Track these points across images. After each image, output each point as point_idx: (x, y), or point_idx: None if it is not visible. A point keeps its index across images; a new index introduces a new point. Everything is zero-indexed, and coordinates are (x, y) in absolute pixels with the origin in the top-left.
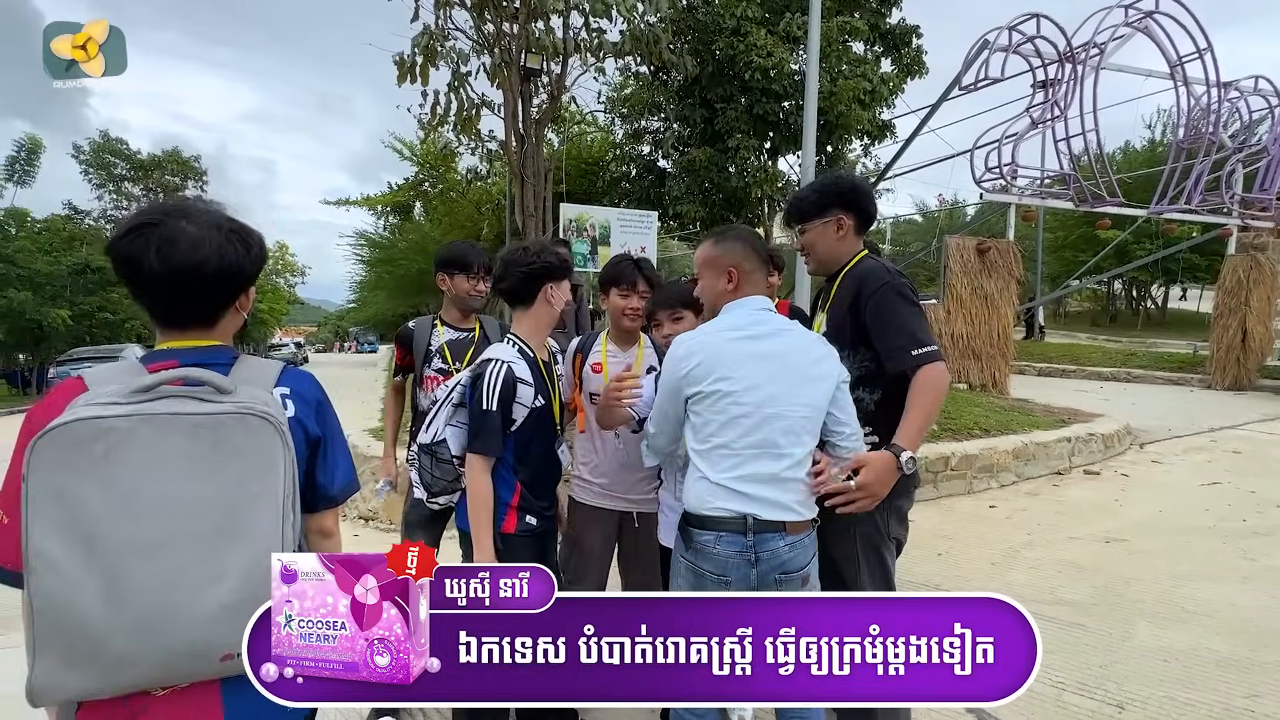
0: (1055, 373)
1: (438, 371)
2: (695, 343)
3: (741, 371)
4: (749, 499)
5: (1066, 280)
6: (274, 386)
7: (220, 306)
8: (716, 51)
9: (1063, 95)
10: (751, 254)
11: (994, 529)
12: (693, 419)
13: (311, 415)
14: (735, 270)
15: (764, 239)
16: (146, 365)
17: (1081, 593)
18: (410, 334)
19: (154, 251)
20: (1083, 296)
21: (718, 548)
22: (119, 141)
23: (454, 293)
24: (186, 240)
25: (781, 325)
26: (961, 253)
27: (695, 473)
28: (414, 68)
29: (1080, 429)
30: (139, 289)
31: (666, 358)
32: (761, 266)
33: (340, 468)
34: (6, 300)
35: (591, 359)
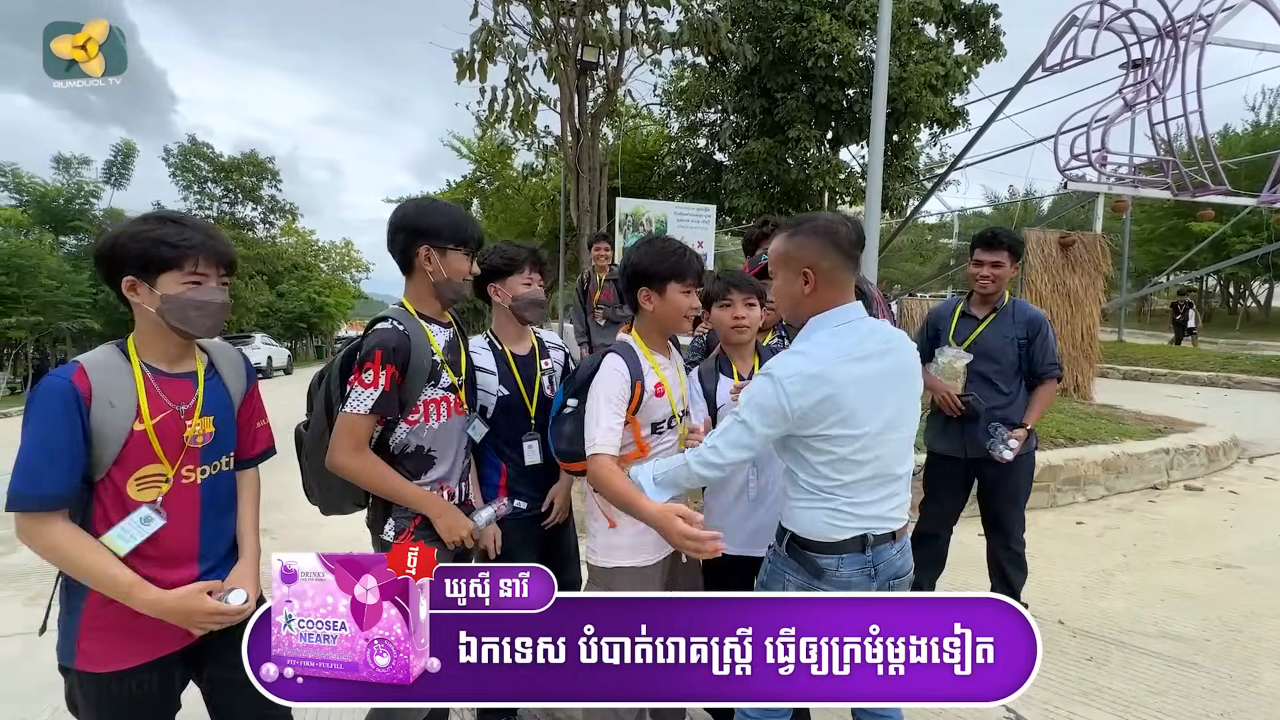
0: (1142, 376)
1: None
2: (811, 373)
3: (861, 406)
4: (867, 519)
5: (1154, 277)
6: None
7: (112, 289)
8: (778, 39)
9: (1161, 74)
10: (831, 249)
11: (1082, 548)
12: (802, 453)
13: None
14: (811, 271)
15: (852, 223)
16: None
17: (1192, 626)
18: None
19: None
20: (1171, 294)
21: (840, 570)
22: (204, 146)
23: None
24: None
25: (887, 340)
26: (1042, 246)
27: (807, 499)
28: (473, 64)
29: (1179, 439)
30: None
31: (771, 381)
32: (846, 263)
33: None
34: (104, 294)
35: (648, 382)
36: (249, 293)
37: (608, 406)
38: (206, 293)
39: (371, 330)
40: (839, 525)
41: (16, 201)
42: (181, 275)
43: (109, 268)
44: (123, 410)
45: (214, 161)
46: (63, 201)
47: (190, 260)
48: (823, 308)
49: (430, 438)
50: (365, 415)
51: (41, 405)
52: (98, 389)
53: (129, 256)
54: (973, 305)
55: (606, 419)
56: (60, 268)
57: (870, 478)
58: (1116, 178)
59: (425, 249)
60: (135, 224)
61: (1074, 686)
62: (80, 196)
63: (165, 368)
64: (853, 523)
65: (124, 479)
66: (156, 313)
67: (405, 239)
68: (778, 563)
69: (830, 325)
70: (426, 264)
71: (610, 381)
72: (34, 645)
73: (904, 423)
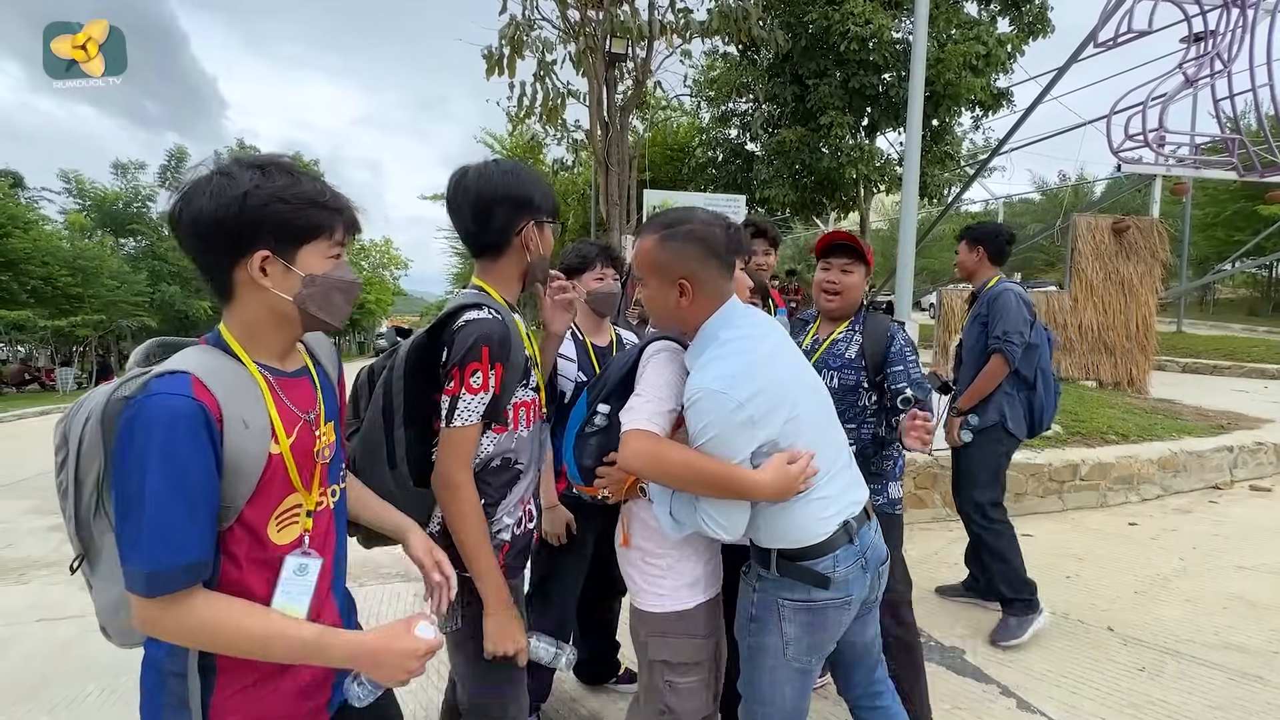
0: (1204, 369)
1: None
2: (742, 369)
3: (790, 388)
4: (842, 503)
5: (1217, 264)
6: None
7: (213, 271)
8: (809, 24)
9: (1226, 46)
10: (708, 257)
11: (1136, 551)
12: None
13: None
14: (688, 282)
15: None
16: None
17: (1258, 637)
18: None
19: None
20: (1236, 282)
21: (837, 569)
22: (251, 149)
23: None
24: (182, 188)
25: (761, 315)
26: (1093, 233)
27: (785, 504)
28: (501, 60)
29: (1244, 436)
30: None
31: (711, 396)
32: (724, 268)
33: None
34: (161, 293)
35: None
36: None
37: (669, 390)
38: (347, 270)
39: (466, 321)
40: (826, 518)
41: (79, 206)
42: (327, 247)
43: (232, 240)
44: (256, 430)
45: None
46: (121, 205)
47: (338, 227)
48: (705, 315)
49: (519, 447)
50: (476, 426)
51: (162, 438)
52: (227, 406)
53: (268, 223)
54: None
55: (660, 402)
56: (120, 268)
57: (827, 456)
58: (1176, 158)
59: (530, 223)
60: (247, 172)
61: (1124, 698)
62: (137, 200)
63: (280, 366)
64: (833, 510)
65: (263, 521)
66: (294, 299)
67: (507, 213)
68: (767, 589)
69: (727, 324)
70: (529, 241)
71: (670, 365)
72: (86, 629)
73: (819, 385)
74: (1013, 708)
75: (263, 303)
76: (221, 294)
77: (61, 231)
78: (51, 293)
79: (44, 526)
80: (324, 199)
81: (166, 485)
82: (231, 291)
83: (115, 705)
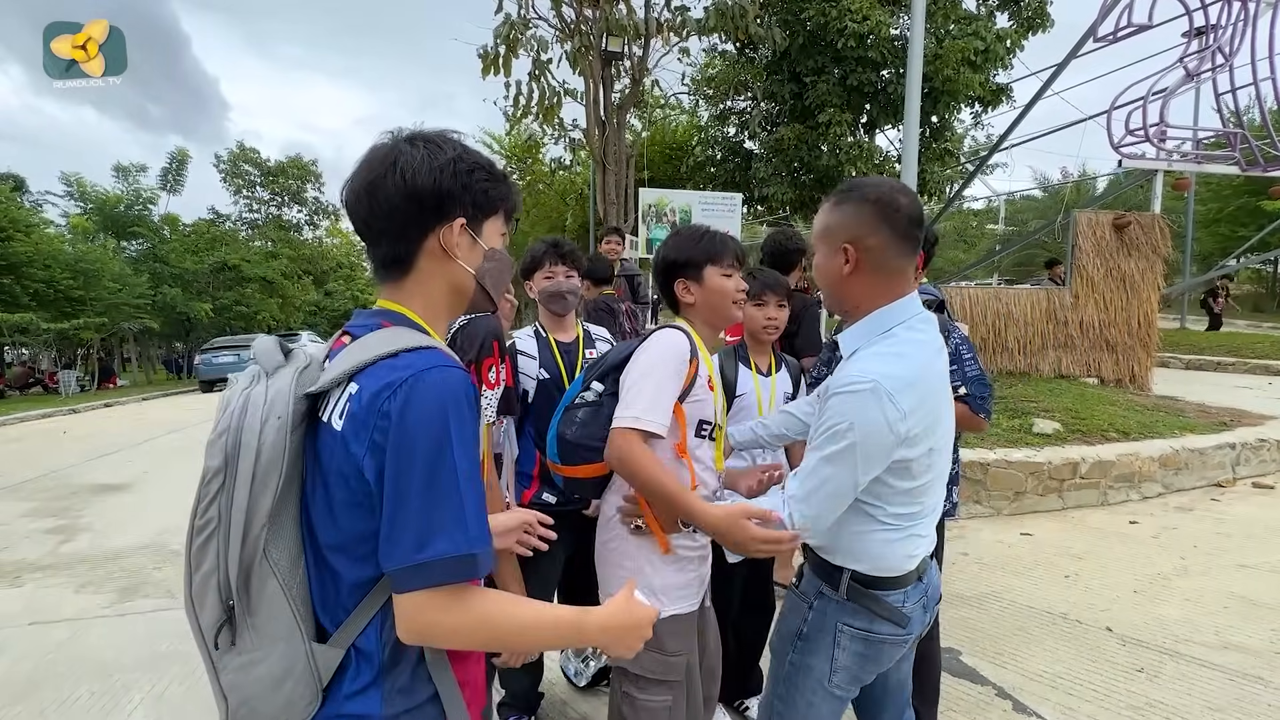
0: (1208, 366)
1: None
2: (915, 377)
3: (944, 418)
4: (929, 541)
5: (1222, 260)
6: (348, 379)
7: (403, 240)
8: (807, 21)
9: (1228, 40)
10: (880, 224)
11: (1136, 550)
12: (890, 480)
13: (367, 436)
14: (853, 247)
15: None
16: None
17: (1259, 637)
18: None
19: (350, 177)
20: (1242, 278)
21: (905, 605)
22: (252, 151)
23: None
24: (369, 154)
25: (935, 326)
26: (1094, 229)
27: (884, 531)
28: (497, 59)
29: (1247, 433)
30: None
31: (877, 398)
32: (901, 241)
33: (394, 534)
34: (162, 295)
35: (703, 369)
36: (297, 291)
37: (665, 373)
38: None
39: (468, 319)
40: (913, 555)
41: (81, 209)
42: (502, 224)
43: (436, 205)
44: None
45: (261, 166)
46: (123, 208)
47: (511, 207)
48: (876, 297)
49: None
50: (496, 423)
51: (456, 412)
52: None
53: (469, 191)
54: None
55: (657, 390)
56: (122, 271)
57: (942, 489)
58: (1179, 154)
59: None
60: (448, 142)
61: (1121, 700)
62: (139, 203)
63: None
64: (922, 550)
65: None
66: (475, 271)
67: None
68: (829, 611)
69: (908, 315)
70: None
71: (669, 348)
72: (78, 632)
73: (953, 419)
74: (1009, 710)
75: (444, 276)
76: (400, 265)
77: (64, 235)
78: (54, 296)
79: (40, 529)
80: (506, 176)
81: (467, 462)
82: (412, 263)
83: (106, 708)
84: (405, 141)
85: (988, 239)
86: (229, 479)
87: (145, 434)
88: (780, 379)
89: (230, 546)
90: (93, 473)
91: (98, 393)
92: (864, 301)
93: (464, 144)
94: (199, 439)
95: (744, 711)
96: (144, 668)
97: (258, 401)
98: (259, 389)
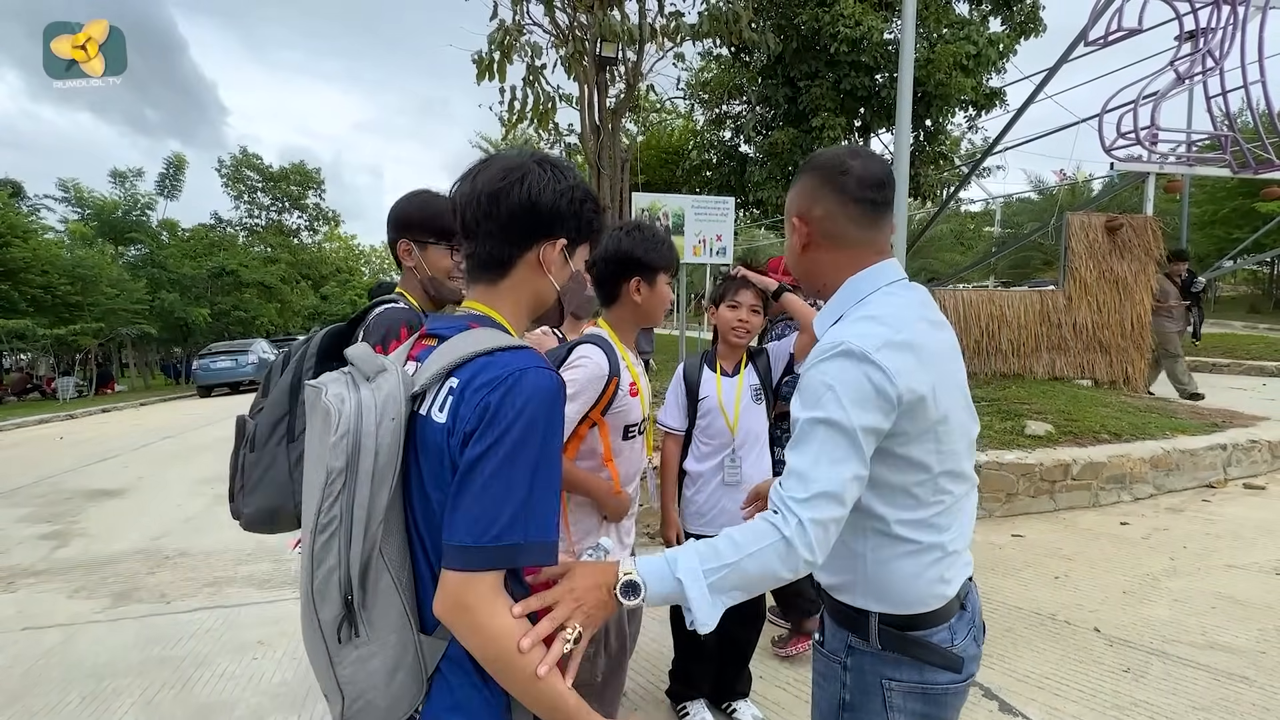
0: (1204, 367)
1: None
2: (899, 339)
3: (949, 387)
4: (967, 557)
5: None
6: (447, 374)
7: (509, 246)
8: (800, 25)
9: (1218, 43)
10: (826, 191)
11: (1126, 550)
12: (890, 476)
13: (463, 426)
14: (800, 220)
15: (872, 158)
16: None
17: (1245, 637)
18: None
19: (471, 177)
20: (1237, 279)
21: (956, 641)
22: (255, 157)
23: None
24: (499, 164)
25: (924, 293)
26: (1086, 231)
27: (905, 550)
28: (492, 65)
29: (1239, 434)
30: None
31: (854, 361)
32: (854, 205)
33: (458, 515)
34: (160, 300)
35: (624, 380)
36: (295, 296)
37: (583, 386)
38: None
39: (383, 309)
40: (950, 579)
41: (79, 215)
42: (586, 252)
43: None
44: None
45: (263, 172)
46: (120, 213)
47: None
48: (841, 270)
49: None
50: None
51: (549, 412)
52: None
53: (577, 218)
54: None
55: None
56: (120, 276)
57: (967, 492)
58: (1174, 156)
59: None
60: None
61: (1108, 700)
62: (136, 209)
63: None
64: (961, 569)
65: None
66: (560, 288)
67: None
68: (866, 668)
69: (881, 281)
70: (407, 259)
71: (581, 370)
72: (70, 637)
73: (970, 403)
74: (995, 710)
75: (534, 285)
76: (499, 267)
77: (63, 240)
78: (51, 301)
79: (35, 535)
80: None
81: (550, 459)
82: (510, 269)
83: (96, 713)
84: (535, 162)
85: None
86: (350, 478)
87: (142, 439)
88: (747, 375)
89: (352, 543)
90: (89, 478)
91: (95, 398)
92: (829, 277)
93: (580, 175)
94: (196, 444)
95: (731, 714)
96: (135, 673)
97: (369, 405)
98: (365, 393)
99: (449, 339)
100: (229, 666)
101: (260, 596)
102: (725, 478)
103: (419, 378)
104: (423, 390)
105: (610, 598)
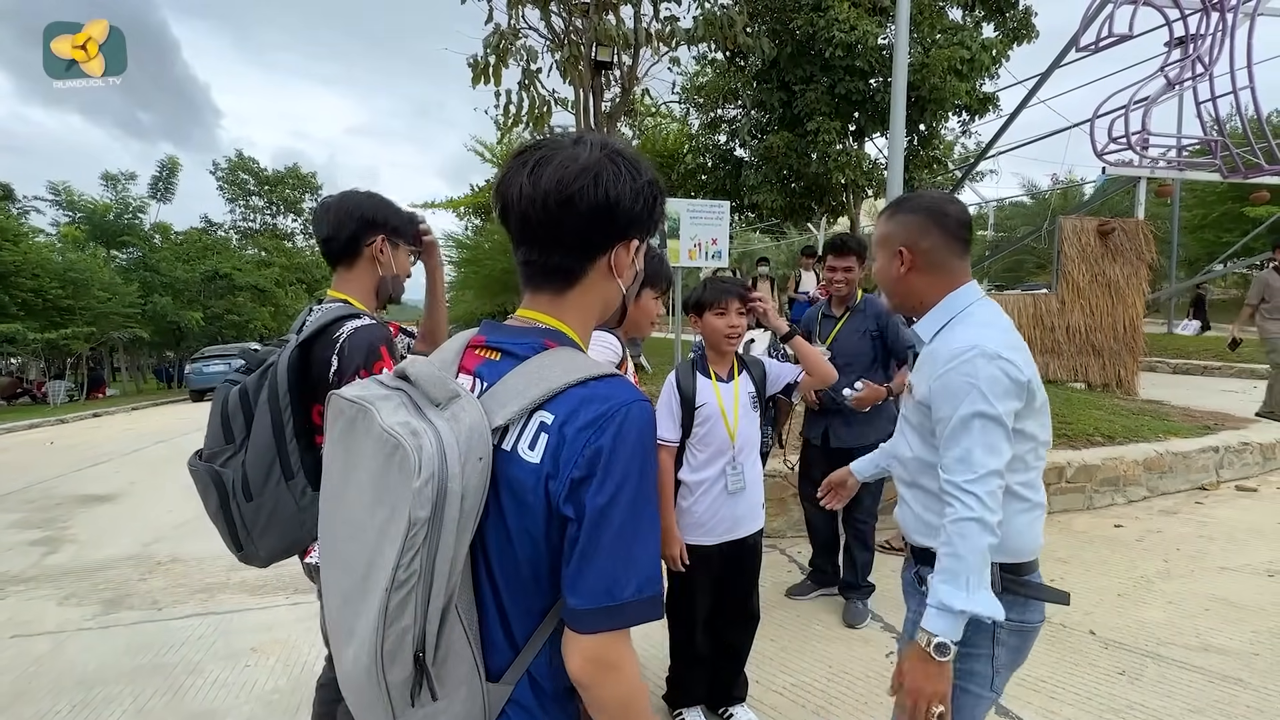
0: (1195, 370)
1: None
2: (1007, 343)
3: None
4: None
5: (1208, 265)
6: (536, 408)
7: (580, 252)
8: (795, 30)
9: (1207, 50)
10: (931, 227)
11: (1120, 553)
12: (1015, 449)
13: (570, 471)
14: (907, 250)
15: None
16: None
17: (1239, 639)
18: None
19: (528, 172)
20: (1227, 283)
21: (1042, 590)
22: (250, 160)
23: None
24: (565, 160)
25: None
26: (1079, 235)
27: (1022, 507)
28: (487, 69)
29: (1231, 436)
30: (507, 228)
31: (989, 360)
32: (952, 244)
33: (590, 574)
34: (152, 304)
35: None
36: (289, 300)
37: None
38: None
39: (354, 329)
40: (1041, 531)
41: (70, 218)
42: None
43: (625, 224)
44: None
45: (259, 175)
46: (112, 217)
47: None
48: (937, 290)
49: None
50: None
51: (645, 451)
52: None
53: (651, 216)
54: (832, 306)
55: None
56: (112, 280)
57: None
58: (1164, 161)
59: (381, 239)
60: (642, 161)
61: (1103, 703)
62: (128, 212)
63: None
64: (1043, 520)
65: None
66: (625, 291)
67: (358, 226)
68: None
69: (974, 297)
70: (378, 254)
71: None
72: (60, 645)
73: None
74: (991, 713)
75: (603, 291)
76: (568, 276)
77: (54, 244)
78: (42, 305)
79: (25, 541)
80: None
81: (654, 498)
82: (580, 276)
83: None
84: (606, 157)
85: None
86: (433, 528)
87: (134, 444)
88: (742, 381)
89: (432, 598)
90: (79, 483)
91: (86, 403)
92: (926, 296)
93: (649, 164)
94: (188, 449)
95: (728, 719)
96: (126, 681)
97: (450, 442)
98: (443, 427)
99: (525, 359)
100: (221, 674)
101: (253, 603)
102: (728, 485)
103: (494, 406)
104: (506, 424)
105: (935, 664)
